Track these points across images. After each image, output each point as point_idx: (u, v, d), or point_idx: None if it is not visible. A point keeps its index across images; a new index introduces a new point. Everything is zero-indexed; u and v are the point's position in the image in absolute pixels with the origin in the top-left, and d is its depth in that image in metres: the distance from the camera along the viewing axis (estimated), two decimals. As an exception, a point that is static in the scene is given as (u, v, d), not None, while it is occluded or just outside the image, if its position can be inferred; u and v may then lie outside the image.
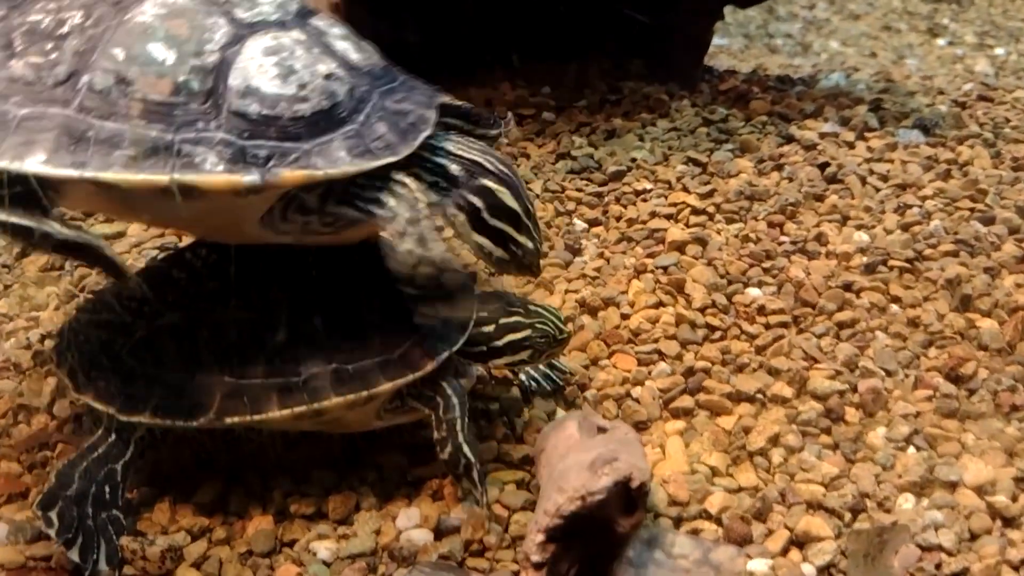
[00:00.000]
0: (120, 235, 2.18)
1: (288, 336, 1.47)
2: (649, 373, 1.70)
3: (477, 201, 1.44)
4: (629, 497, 1.35)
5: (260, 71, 1.35)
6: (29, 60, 1.37)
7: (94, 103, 1.33)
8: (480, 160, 1.45)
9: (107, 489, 1.45)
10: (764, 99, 2.70)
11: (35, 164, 1.29)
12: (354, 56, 1.43)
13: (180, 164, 1.30)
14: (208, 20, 1.37)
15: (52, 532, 1.37)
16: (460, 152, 1.45)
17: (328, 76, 1.37)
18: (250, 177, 1.30)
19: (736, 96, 2.76)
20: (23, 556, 1.42)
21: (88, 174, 1.29)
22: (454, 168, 1.44)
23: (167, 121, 1.32)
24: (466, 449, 1.46)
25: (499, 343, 1.54)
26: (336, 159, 1.34)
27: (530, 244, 1.47)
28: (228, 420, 1.42)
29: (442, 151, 1.44)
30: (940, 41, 4.58)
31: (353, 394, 1.43)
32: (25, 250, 2.11)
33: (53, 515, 1.38)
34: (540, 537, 1.33)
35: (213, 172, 1.30)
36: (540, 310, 1.56)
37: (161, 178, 1.29)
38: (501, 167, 1.46)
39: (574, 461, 1.37)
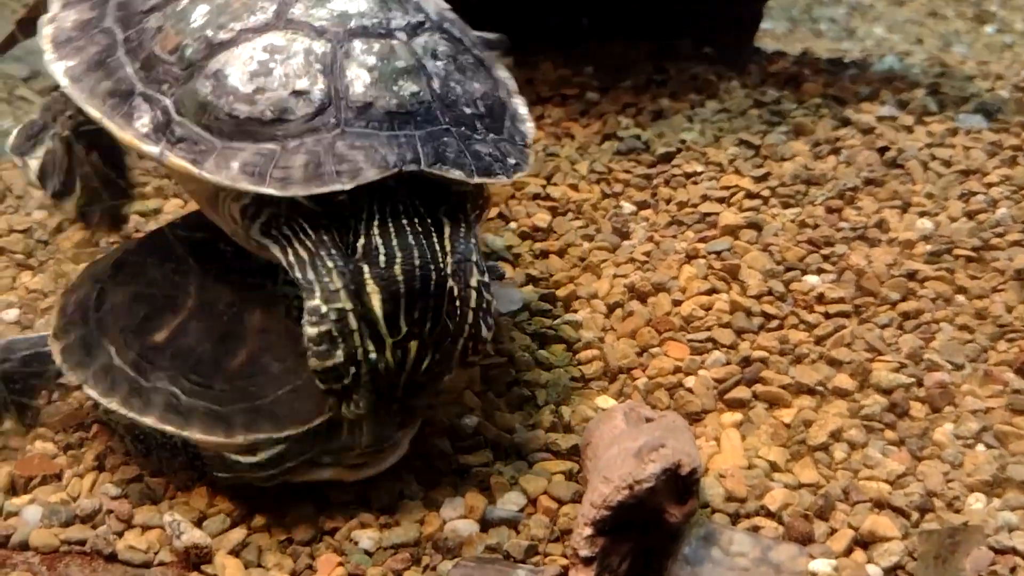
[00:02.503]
0: (157, 212, 2.14)
1: None
2: (703, 362, 1.63)
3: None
4: (679, 485, 1.29)
5: (244, 67, 1.34)
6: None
7: None
8: (396, 254, 1.31)
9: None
10: (816, 81, 2.60)
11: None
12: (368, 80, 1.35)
13: (120, 115, 1.38)
14: None
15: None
16: (378, 235, 1.32)
17: (297, 92, 1.32)
18: (149, 147, 1.34)
19: (787, 78, 2.67)
20: (57, 539, 1.38)
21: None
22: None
23: (150, 78, 1.39)
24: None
25: None
26: (223, 167, 1.30)
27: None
28: None
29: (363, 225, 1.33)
30: (988, 28, 4.44)
31: None
32: (61, 225, 2.07)
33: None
34: (588, 530, 1.27)
35: (127, 128, 1.36)
36: None
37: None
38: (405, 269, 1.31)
39: (620, 450, 1.31)
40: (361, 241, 1.32)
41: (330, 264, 1.30)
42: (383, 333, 1.29)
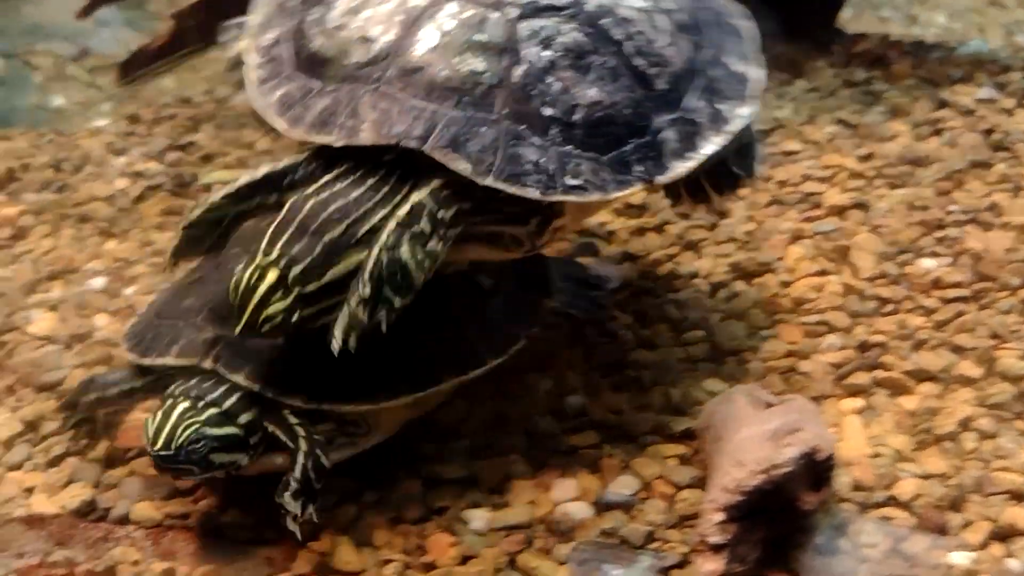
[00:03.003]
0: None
1: None
2: (817, 346, 1.57)
3: None
4: (814, 472, 1.23)
5: (347, 3, 1.33)
6: None
7: None
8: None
9: None
10: (903, 63, 2.53)
11: None
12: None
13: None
14: None
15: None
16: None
17: (365, 39, 1.30)
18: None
19: (872, 59, 2.59)
20: (160, 513, 1.34)
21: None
22: None
23: None
24: None
25: None
26: (268, 94, 1.33)
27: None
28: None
29: None
30: (1049, 18, 4.32)
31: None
32: (143, 194, 2.04)
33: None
34: (719, 516, 1.21)
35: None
36: None
37: None
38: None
39: (752, 433, 1.26)
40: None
41: None
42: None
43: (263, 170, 1.33)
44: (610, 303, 1.68)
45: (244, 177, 1.33)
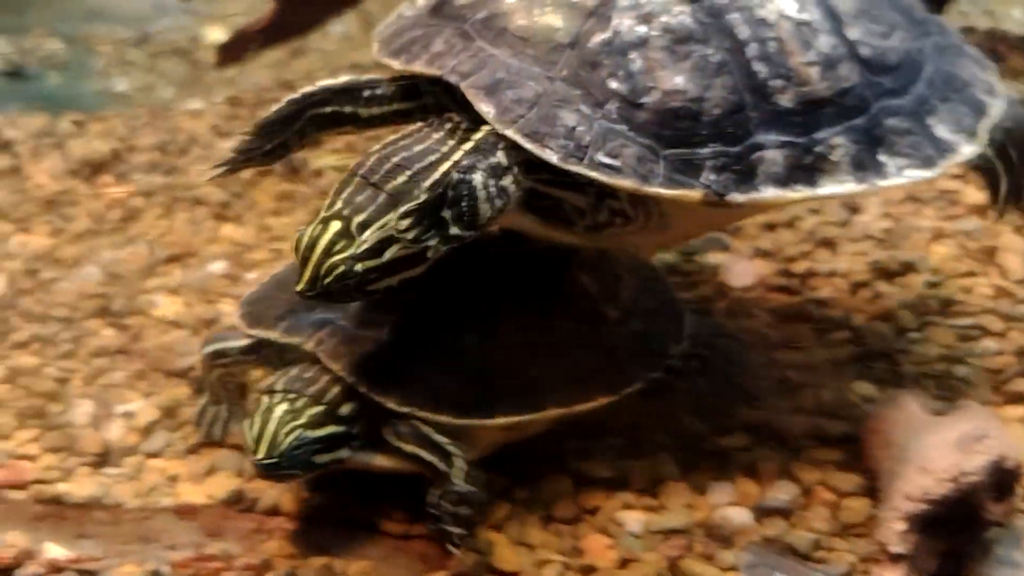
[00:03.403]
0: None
1: None
2: (971, 350, 1.51)
3: None
4: (1000, 481, 1.18)
5: None
6: None
7: None
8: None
9: None
10: (1017, 58, 2.45)
11: None
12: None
13: None
14: None
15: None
16: None
17: None
18: None
19: (984, 53, 2.52)
20: (308, 506, 1.30)
21: None
22: None
23: None
24: None
25: None
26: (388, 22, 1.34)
27: None
28: None
29: None
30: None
31: None
32: (254, 179, 2.01)
33: None
34: (902, 525, 1.16)
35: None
36: None
37: None
38: None
39: (936, 440, 1.20)
40: None
41: None
42: None
43: (344, 78, 1.32)
44: (745, 300, 1.64)
45: (324, 82, 1.32)
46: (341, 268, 1.13)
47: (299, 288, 1.14)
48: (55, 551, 1.18)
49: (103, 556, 1.19)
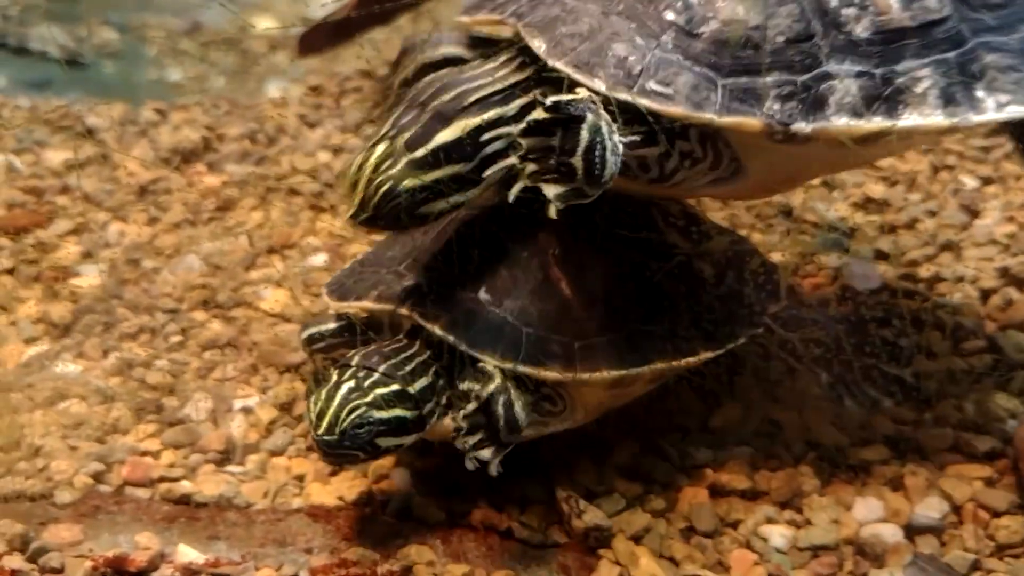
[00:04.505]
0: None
1: None
2: (1119, 365, 1.44)
3: None
4: None
5: None
6: None
7: None
8: None
9: None
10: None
11: None
12: None
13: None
14: None
15: None
16: None
17: None
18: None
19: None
20: (441, 510, 1.26)
21: None
22: None
23: None
24: None
25: None
26: None
27: None
28: None
29: None
30: None
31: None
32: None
33: None
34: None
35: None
36: None
37: None
38: None
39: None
40: None
41: None
42: None
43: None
44: (871, 304, 1.58)
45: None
46: (387, 186, 1.12)
47: (350, 214, 1.14)
48: (190, 554, 1.14)
49: (240, 560, 1.14)
